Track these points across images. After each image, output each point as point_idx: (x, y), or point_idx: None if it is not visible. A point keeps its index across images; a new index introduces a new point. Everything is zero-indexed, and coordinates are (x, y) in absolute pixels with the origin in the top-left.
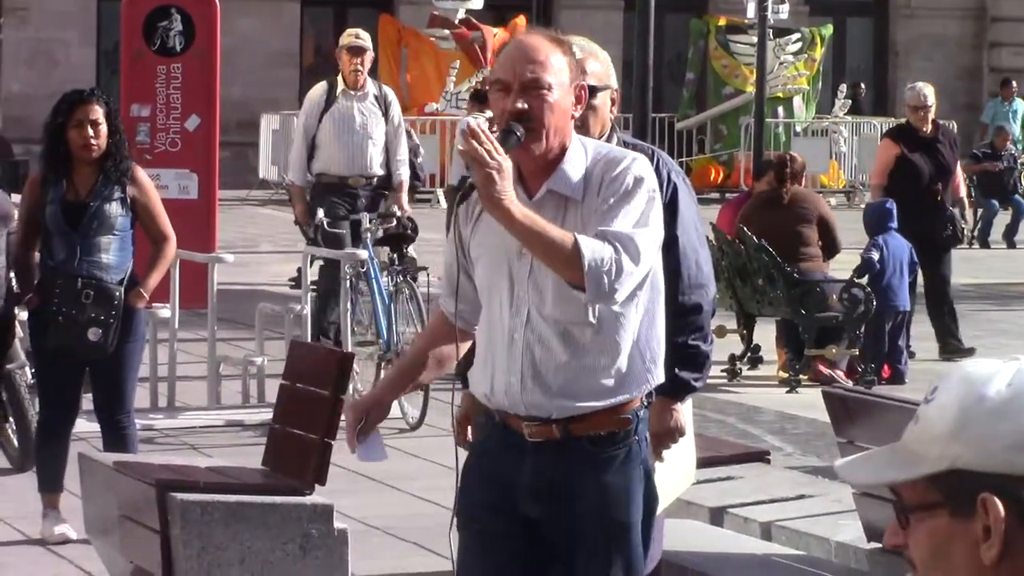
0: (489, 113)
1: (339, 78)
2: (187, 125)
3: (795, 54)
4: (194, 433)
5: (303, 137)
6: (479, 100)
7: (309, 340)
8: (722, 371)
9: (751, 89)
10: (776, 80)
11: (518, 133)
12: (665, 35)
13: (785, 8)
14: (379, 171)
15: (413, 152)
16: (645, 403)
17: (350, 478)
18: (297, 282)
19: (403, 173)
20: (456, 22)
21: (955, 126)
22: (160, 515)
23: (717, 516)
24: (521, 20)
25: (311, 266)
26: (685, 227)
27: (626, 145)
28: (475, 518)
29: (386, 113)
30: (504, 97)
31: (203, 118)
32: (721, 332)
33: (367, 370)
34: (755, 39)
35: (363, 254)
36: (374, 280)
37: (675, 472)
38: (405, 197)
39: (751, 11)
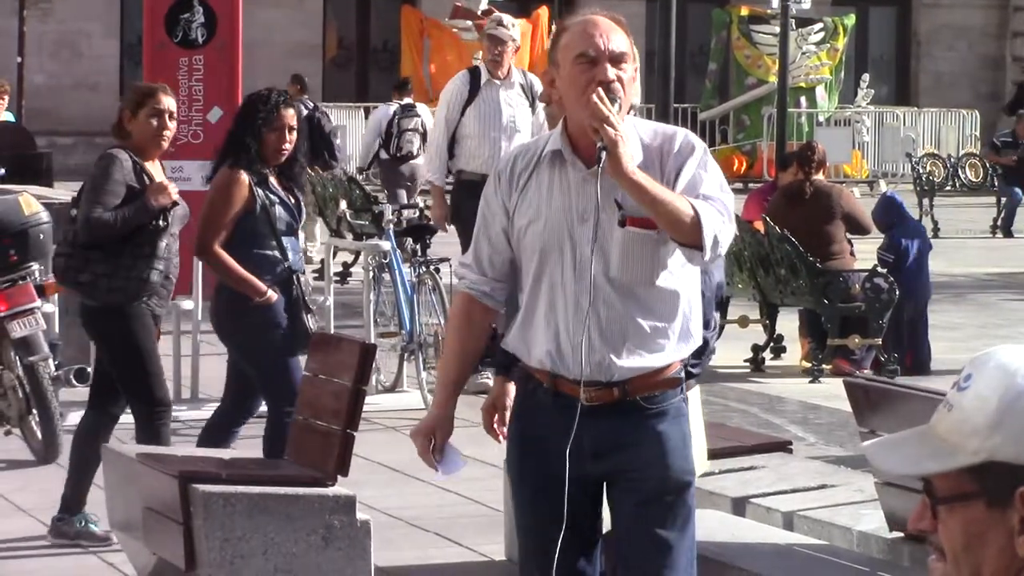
0: (408, 100)
1: (482, 66)
2: (209, 117)
3: (818, 44)
4: None
5: (444, 131)
6: (399, 89)
7: (332, 331)
8: (745, 361)
9: (773, 79)
10: (799, 70)
11: (618, 102)
12: (688, 26)
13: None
14: None
15: (332, 134)
16: (692, 363)
17: (372, 469)
18: (320, 273)
19: None
20: (479, 13)
21: (978, 115)
22: (183, 507)
23: (739, 506)
24: (544, 11)
25: (334, 257)
26: None
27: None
28: (526, 480)
29: (532, 104)
30: (591, 67)
31: (225, 110)
32: (744, 322)
33: (390, 361)
34: (777, 29)
35: (386, 245)
36: (397, 271)
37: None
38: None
39: (774, 1)
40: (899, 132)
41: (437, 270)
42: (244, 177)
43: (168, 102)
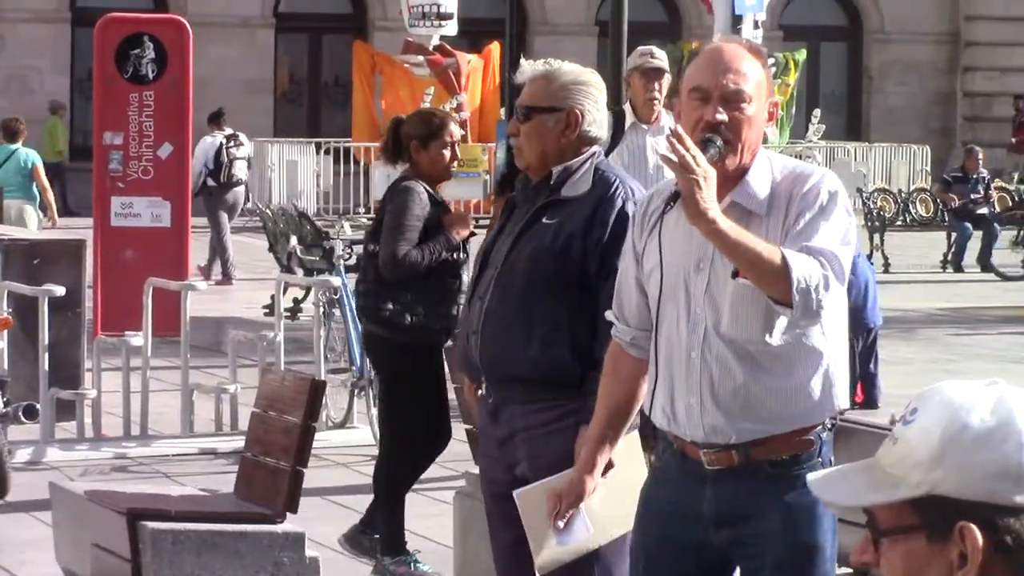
0: (230, 130)
1: (627, 107)
2: (160, 153)
3: None
4: (167, 461)
5: None
6: (215, 120)
7: (282, 367)
8: None
9: None
10: None
11: (719, 144)
12: None
13: (759, 33)
14: None
15: (231, 163)
16: (829, 425)
17: (322, 505)
18: (270, 309)
19: None
20: (430, 48)
21: (929, 151)
22: (131, 544)
23: None
24: (495, 46)
25: (284, 293)
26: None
27: (598, 170)
28: (642, 541)
29: None
30: (702, 106)
31: (176, 146)
32: None
33: (340, 397)
34: None
35: (336, 281)
36: (347, 307)
37: (622, 503)
38: None
39: (718, 37)
40: (850, 167)
41: None
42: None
43: (456, 130)
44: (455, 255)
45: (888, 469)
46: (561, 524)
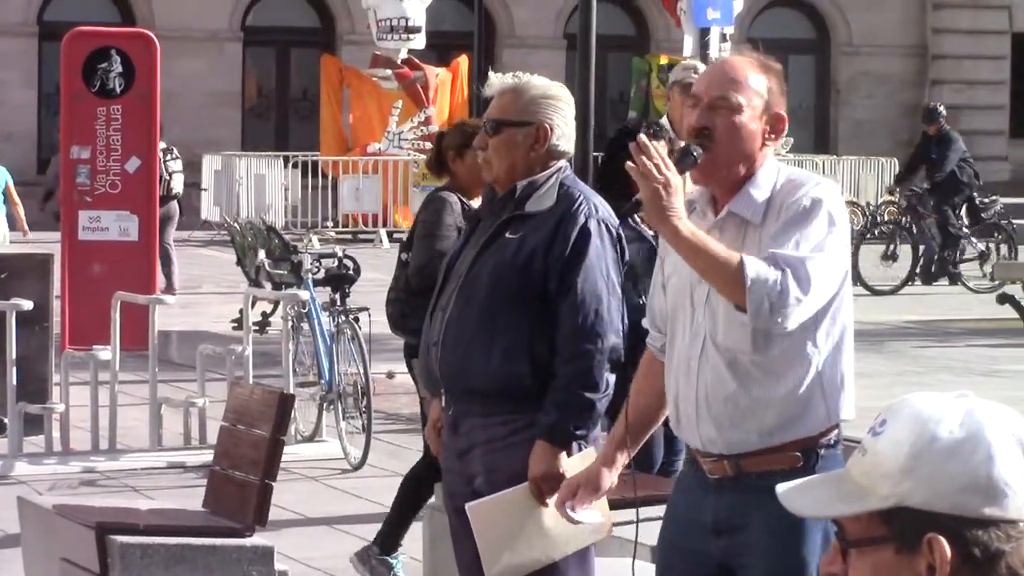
0: (163, 144)
1: (665, 120)
2: (127, 167)
3: None
4: (135, 475)
5: None
6: None
7: (251, 381)
8: None
9: None
10: None
11: (695, 153)
12: (607, 74)
13: (727, 46)
14: None
15: (169, 179)
16: (831, 442)
17: (292, 519)
18: (239, 323)
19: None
20: (398, 62)
21: (897, 163)
22: (100, 558)
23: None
24: (463, 59)
25: (253, 307)
26: (589, 274)
27: (563, 185)
28: (660, 546)
29: None
30: (691, 112)
31: (143, 160)
32: None
33: (309, 410)
34: (697, 77)
35: (304, 295)
36: (316, 320)
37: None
38: None
39: (688, 49)
40: None
41: (356, 319)
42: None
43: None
44: None
45: (857, 480)
46: (574, 514)
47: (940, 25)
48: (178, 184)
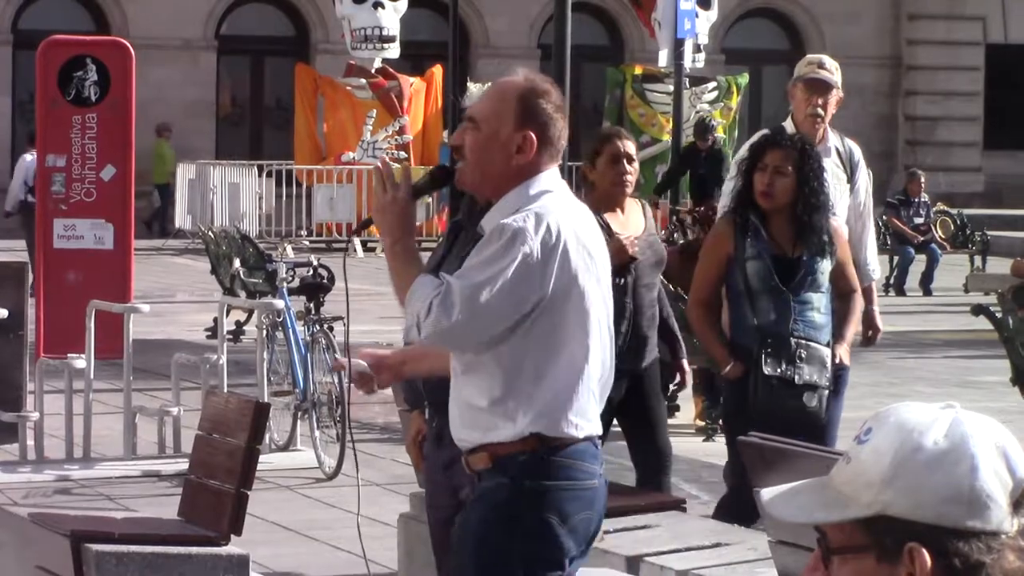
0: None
1: (788, 121)
2: (102, 175)
3: (711, 103)
4: (110, 483)
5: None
6: (34, 140)
7: (225, 390)
8: None
9: (667, 138)
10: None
11: (449, 166)
12: (582, 84)
13: (701, 57)
14: None
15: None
16: (544, 455)
17: (266, 528)
18: (213, 332)
19: (874, 271)
20: (373, 71)
21: (871, 174)
22: (75, 566)
23: (633, 565)
24: (438, 69)
25: (227, 316)
26: None
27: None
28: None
29: (851, 178)
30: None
31: (118, 168)
32: None
33: (284, 419)
34: (671, 88)
35: (279, 303)
36: (290, 330)
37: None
38: (876, 310)
39: (663, 60)
40: None
41: (331, 328)
42: (726, 228)
43: (623, 145)
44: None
45: (840, 488)
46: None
47: (915, 36)
48: None
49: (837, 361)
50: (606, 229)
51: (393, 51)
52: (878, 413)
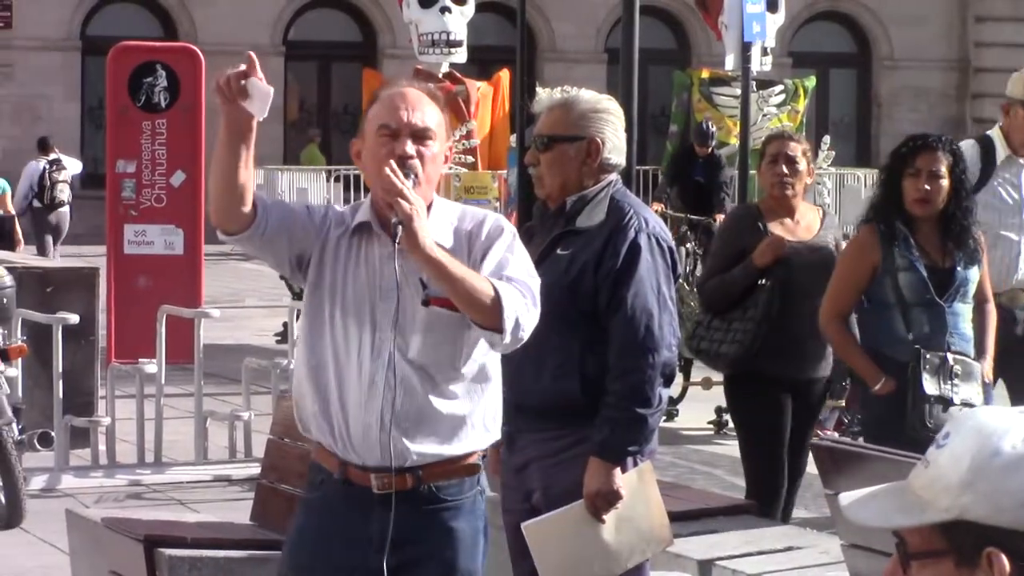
0: (55, 155)
1: (996, 134)
2: (172, 181)
3: (778, 106)
4: (182, 488)
5: None
6: (42, 147)
7: None
8: (709, 423)
9: (735, 141)
10: (760, 132)
11: (412, 177)
12: (649, 88)
13: (768, 60)
14: None
15: (69, 184)
16: (483, 454)
17: None
18: (283, 336)
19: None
20: (440, 76)
21: None
22: (148, 571)
23: (705, 569)
24: (505, 73)
25: (296, 320)
26: (639, 289)
27: (613, 199)
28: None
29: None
30: (390, 141)
31: (188, 174)
32: (707, 384)
33: None
34: (738, 91)
35: None
36: None
37: (630, 535)
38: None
39: (730, 63)
40: (860, 193)
41: None
42: (868, 235)
43: (781, 146)
44: (758, 282)
45: (919, 492)
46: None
47: (981, 38)
48: (62, 193)
49: (987, 380)
50: (762, 230)
51: (460, 56)
52: (956, 417)
